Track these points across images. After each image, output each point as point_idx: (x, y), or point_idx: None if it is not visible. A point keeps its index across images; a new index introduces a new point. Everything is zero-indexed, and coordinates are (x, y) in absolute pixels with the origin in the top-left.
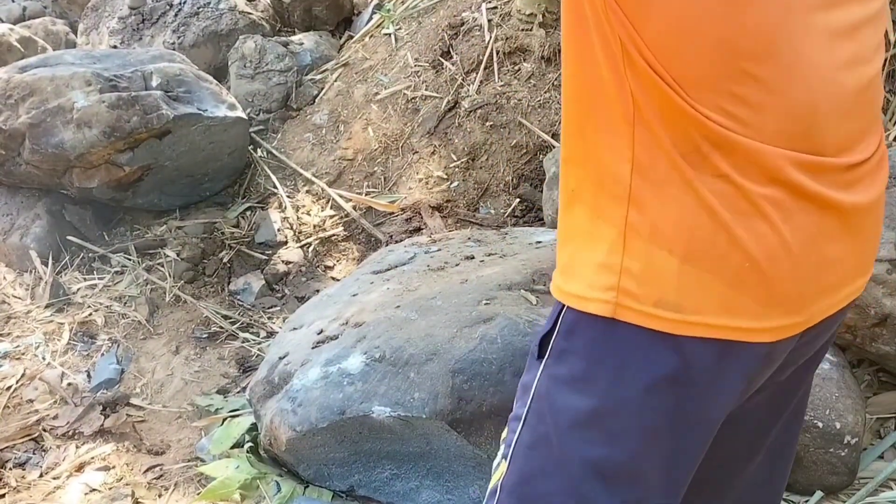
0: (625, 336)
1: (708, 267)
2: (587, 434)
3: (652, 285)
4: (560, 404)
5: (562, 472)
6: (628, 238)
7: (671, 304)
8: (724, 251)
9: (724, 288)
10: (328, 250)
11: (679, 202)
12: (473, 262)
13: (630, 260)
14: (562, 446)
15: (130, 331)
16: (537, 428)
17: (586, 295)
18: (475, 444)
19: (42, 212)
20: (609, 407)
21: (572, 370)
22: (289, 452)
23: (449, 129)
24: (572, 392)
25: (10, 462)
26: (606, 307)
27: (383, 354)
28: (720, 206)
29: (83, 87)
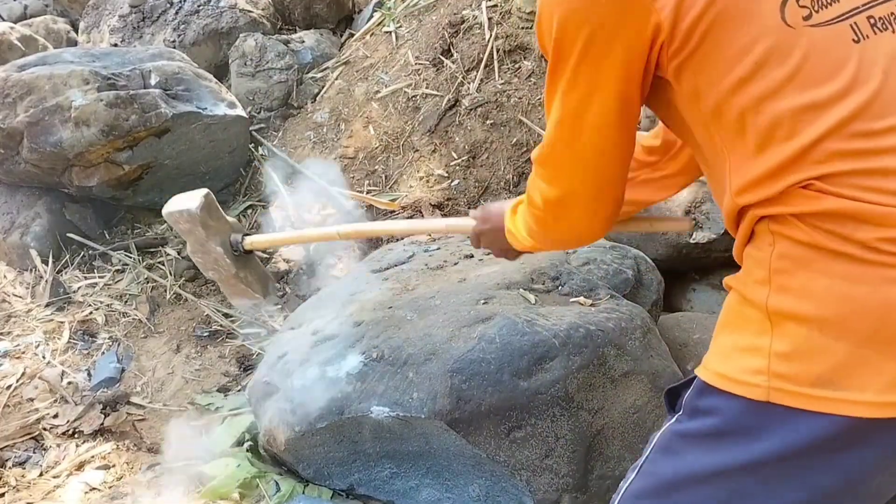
0: (777, 412)
1: (864, 341)
2: (707, 493)
3: (806, 365)
4: (684, 457)
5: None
6: (774, 319)
7: (828, 382)
8: (880, 321)
9: (882, 361)
10: (329, 248)
11: (825, 274)
12: (472, 261)
13: (779, 341)
14: (672, 501)
15: (131, 329)
16: (649, 479)
17: (735, 377)
18: (474, 443)
19: (42, 210)
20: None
21: (707, 426)
22: (288, 452)
23: (449, 128)
24: (702, 446)
25: (9, 461)
26: (758, 391)
27: (382, 354)
28: (871, 273)
29: (81, 85)
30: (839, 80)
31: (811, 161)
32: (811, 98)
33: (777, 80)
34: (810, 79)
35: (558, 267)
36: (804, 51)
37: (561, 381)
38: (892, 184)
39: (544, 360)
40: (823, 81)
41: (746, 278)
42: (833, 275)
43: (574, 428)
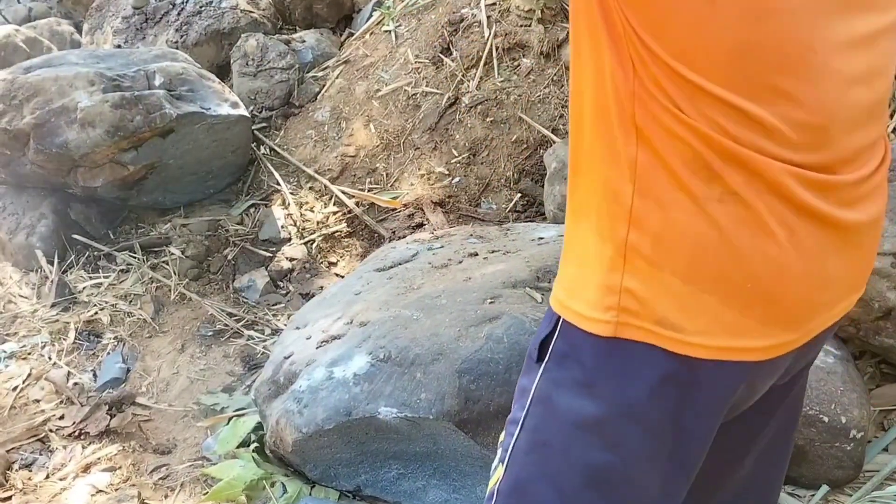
0: (627, 347)
1: (710, 288)
2: (590, 439)
3: (653, 305)
4: (562, 408)
5: (560, 478)
6: (629, 257)
7: (672, 324)
8: (728, 271)
9: (725, 309)
10: (331, 247)
11: (684, 222)
12: (477, 260)
13: (631, 279)
14: (562, 451)
15: (136, 329)
16: (535, 433)
17: (587, 314)
18: (482, 444)
19: (47, 211)
20: (613, 412)
21: (574, 374)
22: (295, 453)
23: (450, 125)
24: (575, 396)
25: (16, 463)
26: (607, 327)
27: (389, 354)
28: (728, 225)
29: (87, 86)
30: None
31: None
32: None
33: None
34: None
35: None
36: None
37: None
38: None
39: None
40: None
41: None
42: (689, 223)
43: None
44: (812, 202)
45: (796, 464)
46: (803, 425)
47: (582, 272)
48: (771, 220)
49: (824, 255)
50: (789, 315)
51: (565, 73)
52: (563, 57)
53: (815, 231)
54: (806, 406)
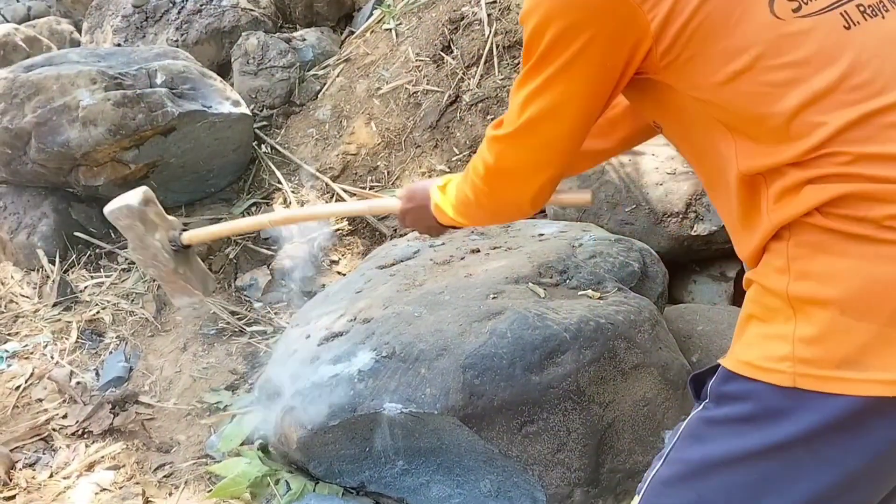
0: (803, 396)
1: (886, 321)
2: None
3: (830, 347)
4: (711, 442)
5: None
6: (795, 304)
7: (853, 363)
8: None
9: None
10: (333, 245)
11: (844, 255)
12: (479, 256)
13: (803, 326)
14: (701, 488)
15: (138, 328)
16: (676, 466)
17: (761, 364)
18: (486, 438)
19: (49, 210)
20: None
21: (733, 413)
22: (299, 450)
23: (450, 123)
24: (729, 431)
25: (20, 462)
26: (783, 377)
27: (393, 351)
28: (888, 251)
29: (88, 85)
30: (838, 67)
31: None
32: (813, 90)
33: (776, 73)
34: (810, 69)
35: (565, 261)
36: (798, 41)
37: (572, 374)
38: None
39: (556, 354)
40: (822, 69)
41: (766, 269)
42: (851, 256)
43: (585, 422)
44: None
45: None
46: None
47: (753, 329)
48: None
49: None
50: None
51: None
52: None
53: None
54: None
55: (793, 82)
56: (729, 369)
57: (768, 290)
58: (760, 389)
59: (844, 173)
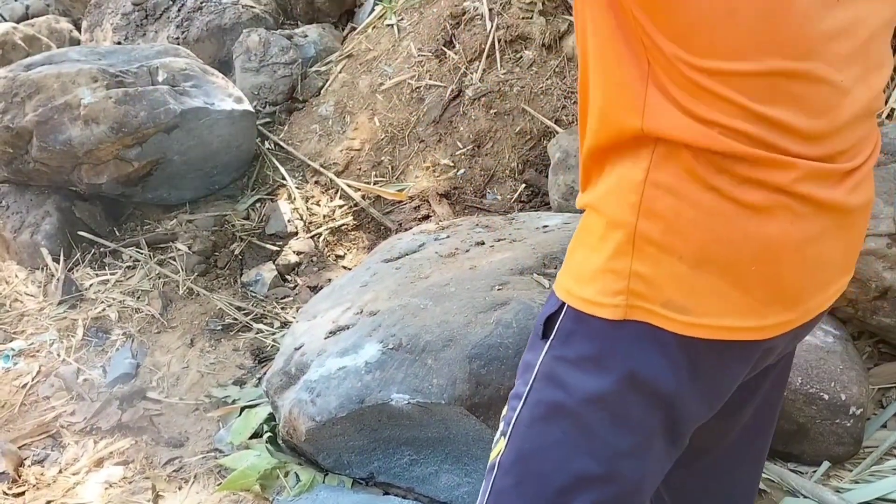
0: (635, 329)
1: (717, 271)
2: (595, 412)
3: (661, 287)
4: (567, 384)
5: (560, 449)
6: (638, 244)
7: (679, 307)
8: (734, 255)
9: (731, 291)
10: (338, 240)
11: (694, 209)
12: (483, 248)
13: (639, 264)
14: (562, 426)
15: (144, 325)
16: (538, 407)
17: (595, 299)
18: (494, 427)
19: (52, 209)
20: (620, 386)
21: (580, 352)
22: (308, 442)
23: (454, 118)
24: (581, 372)
25: (28, 459)
26: (616, 311)
27: (400, 342)
28: (735, 212)
29: (89, 83)
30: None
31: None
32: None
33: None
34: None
35: None
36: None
37: None
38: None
39: None
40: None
41: (613, 199)
42: (700, 207)
43: None
44: (813, 190)
45: (798, 441)
46: (804, 403)
47: (589, 258)
48: (775, 208)
49: (822, 238)
50: (789, 295)
51: (567, 64)
52: (565, 48)
53: (814, 216)
54: (806, 384)
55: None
56: (573, 307)
57: (613, 222)
58: (598, 325)
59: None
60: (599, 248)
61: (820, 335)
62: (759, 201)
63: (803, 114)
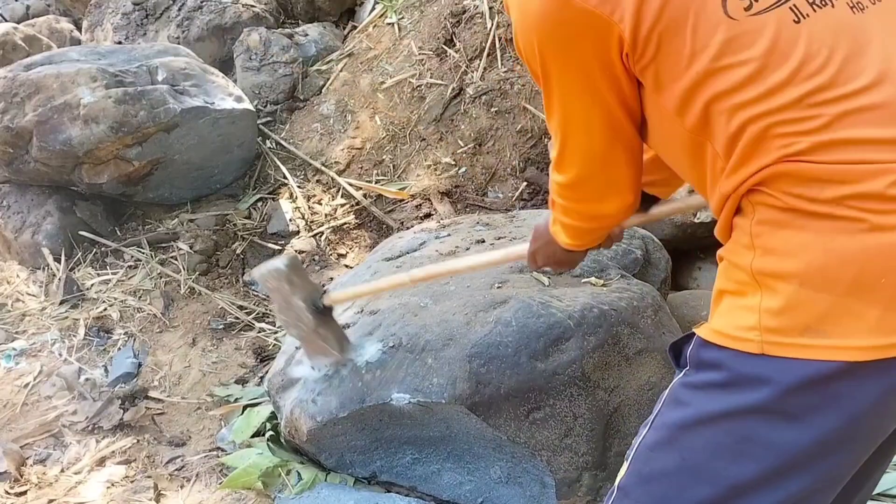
0: (772, 362)
1: (844, 290)
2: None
3: (793, 317)
4: (694, 406)
5: (679, 475)
6: (759, 279)
7: (816, 331)
8: (857, 270)
9: (866, 308)
10: (340, 238)
11: (800, 231)
12: (483, 246)
13: (768, 299)
14: (684, 449)
15: (146, 324)
16: (661, 430)
17: (731, 333)
18: (494, 425)
19: (53, 209)
20: (755, 407)
21: (714, 377)
22: (310, 442)
23: (455, 116)
24: (710, 394)
25: (30, 459)
26: (752, 345)
27: (400, 341)
28: (843, 226)
29: (89, 83)
30: (792, 61)
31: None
32: (770, 84)
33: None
34: (765, 67)
35: None
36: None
37: (577, 361)
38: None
39: (560, 342)
40: (778, 65)
41: (733, 246)
42: (809, 231)
43: (591, 407)
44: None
45: None
46: None
47: (724, 302)
48: (883, 215)
49: None
50: None
51: None
52: None
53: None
54: None
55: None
56: (703, 338)
57: (736, 266)
58: (733, 356)
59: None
60: (731, 290)
61: None
62: (863, 214)
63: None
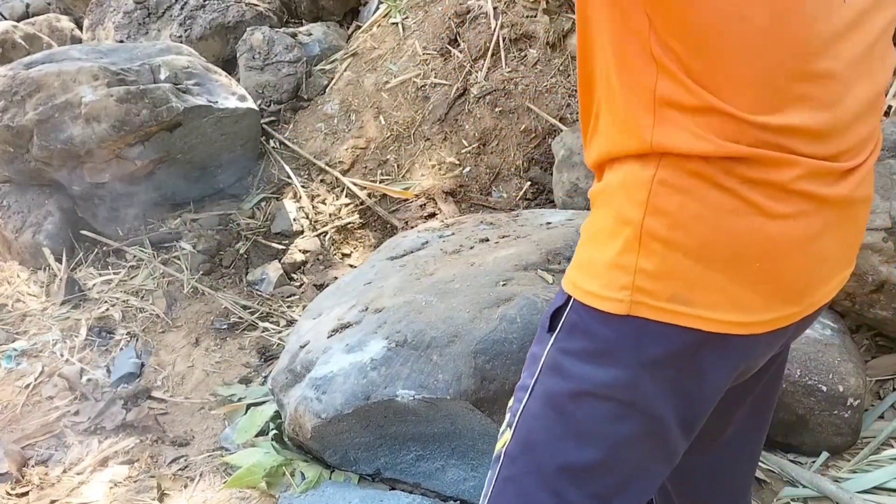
0: (639, 324)
1: (721, 267)
2: (598, 404)
3: (666, 283)
4: (572, 375)
5: (564, 440)
6: (644, 240)
7: (684, 300)
8: (738, 251)
9: (735, 286)
10: (344, 238)
11: (699, 203)
12: (488, 245)
13: (645, 260)
14: (570, 414)
15: (149, 324)
16: (543, 398)
17: (600, 293)
18: (499, 422)
19: (54, 208)
20: (623, 379)
21: (585, 345)
22: (314, 439)
23: (459, 116)
24: (586, 365)
25: (32, 459)
26: (621, 306)
27: (405, 338)
28: (740, 209)
29: (90, 81)
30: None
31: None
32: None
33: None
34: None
35: (573, 247)
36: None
37: None
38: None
39: None
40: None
41: (622, 195)
42: (705, 203)
43: None
44: (815, 188)
45: (797, 432)
46: (803, 395)
47: (597, 253)
48: (780, 205)
49: (824, 233)
50: (792, 290)
51: (571, 62)
52: (569, 47)
53: (817, 212)
54: (805, 376)
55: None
56: (578, 300)
57: (621, 219)
58: (601, 321)
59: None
60: (607, 244)
61: (818, 328)
62: (763, 200)
63: (809, 113)
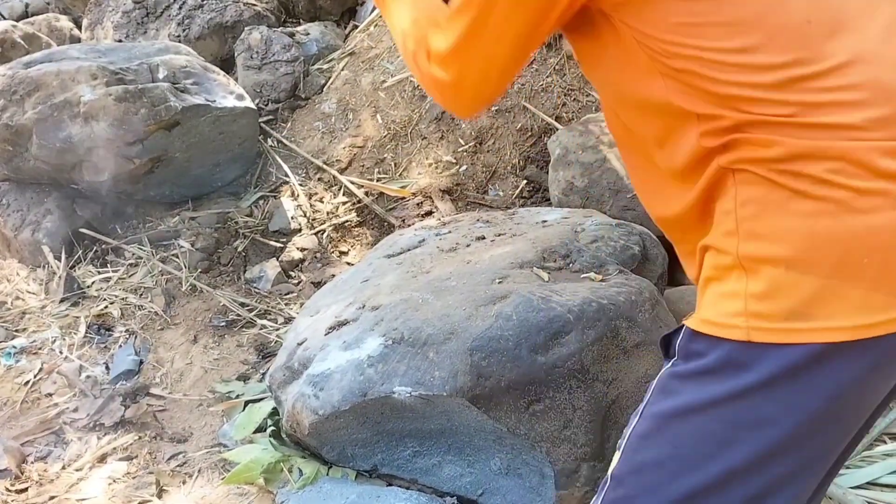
0: (759, 349)
1: (828, 272)
2: (711, 419)
3: (779, 302)
4: (684, 394)
5: (672, 462)
6: (745, 264)
7: (801, 315)
8: (841, 252)
9: (851, 289)
10: (342, 236)
11: (785, 214)
12: (484, 243)
13: (753, 283)
14: (679, 433)
15: (147, 322)
16: (651, 420)
17: (716, 320)
18: (495, 418)
19: (53, 206)
20: (743, 394)
21: (699, 366)
22: (311, 436)
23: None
24: (702, 384)
25: (31, 456)
26: (737, 332)
27: (402, 336)
28: (827, 209)
29: (89, 80)
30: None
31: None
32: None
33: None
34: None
35: (568, 245)
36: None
37: (576, 354)
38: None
39: (560, 335)
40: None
41: (717, 232)
42: (793, 213)
43: (590, 399)
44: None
45: None
46: None
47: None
48: (867, 195)
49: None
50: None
51: (566, 62)
52: (565, 46)
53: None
54: None
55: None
56: (692, 328)
57: (720, 252)
58: (719, 345)
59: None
60: (717, 278)
61: None
62: (847, 195)
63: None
